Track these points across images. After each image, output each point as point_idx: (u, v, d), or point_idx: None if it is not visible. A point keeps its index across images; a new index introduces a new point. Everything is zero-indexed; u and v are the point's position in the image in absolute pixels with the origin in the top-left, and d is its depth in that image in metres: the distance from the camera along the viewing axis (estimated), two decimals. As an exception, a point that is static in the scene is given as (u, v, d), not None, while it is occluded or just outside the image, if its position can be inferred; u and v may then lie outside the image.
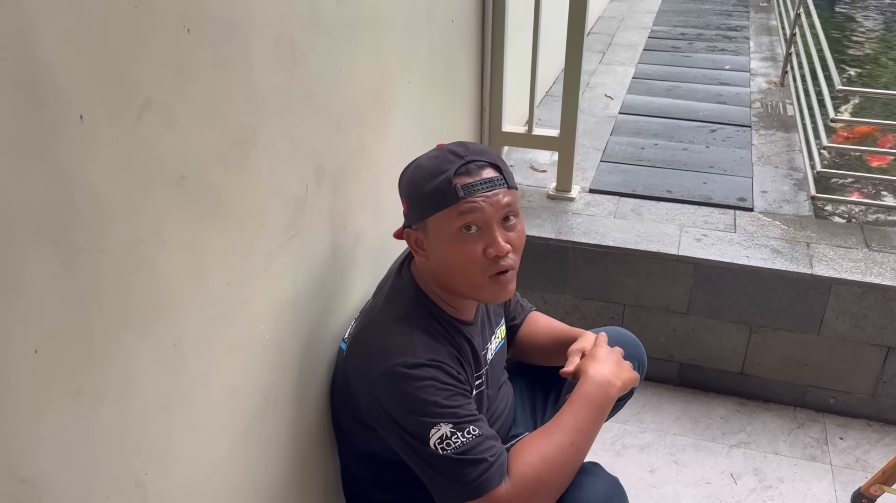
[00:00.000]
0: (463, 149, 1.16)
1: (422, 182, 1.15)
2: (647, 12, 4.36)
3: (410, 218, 1.20)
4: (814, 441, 1.95)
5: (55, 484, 0.77)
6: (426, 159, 1.19)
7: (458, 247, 1.14)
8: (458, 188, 1.12)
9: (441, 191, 1.12)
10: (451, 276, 1.18)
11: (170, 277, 0.91)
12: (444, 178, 1.12)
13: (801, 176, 2.39)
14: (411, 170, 1.21)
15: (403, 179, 1.23)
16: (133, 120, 0.81)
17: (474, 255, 1.14)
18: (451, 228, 1.13)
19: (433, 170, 1.15)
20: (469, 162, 1.14)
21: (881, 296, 1.87)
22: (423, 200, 1.15)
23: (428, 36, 1.65)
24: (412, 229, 1.20)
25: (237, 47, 0.97)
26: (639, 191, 2.26)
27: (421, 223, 1.17)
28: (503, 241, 1.14)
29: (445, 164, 1.14)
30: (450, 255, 1.15)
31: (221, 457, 1.08)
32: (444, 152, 1.17)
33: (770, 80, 3.30)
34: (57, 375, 0.76)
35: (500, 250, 1.13)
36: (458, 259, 1.14)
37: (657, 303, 2.02)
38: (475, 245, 1.13)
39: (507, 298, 1.22)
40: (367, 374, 1.17)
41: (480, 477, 1.10)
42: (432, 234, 1.16)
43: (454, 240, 1.13)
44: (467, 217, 1.12)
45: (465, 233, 1.13)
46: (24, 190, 0.68)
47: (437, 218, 1.14)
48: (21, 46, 0.66)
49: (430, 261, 1.19)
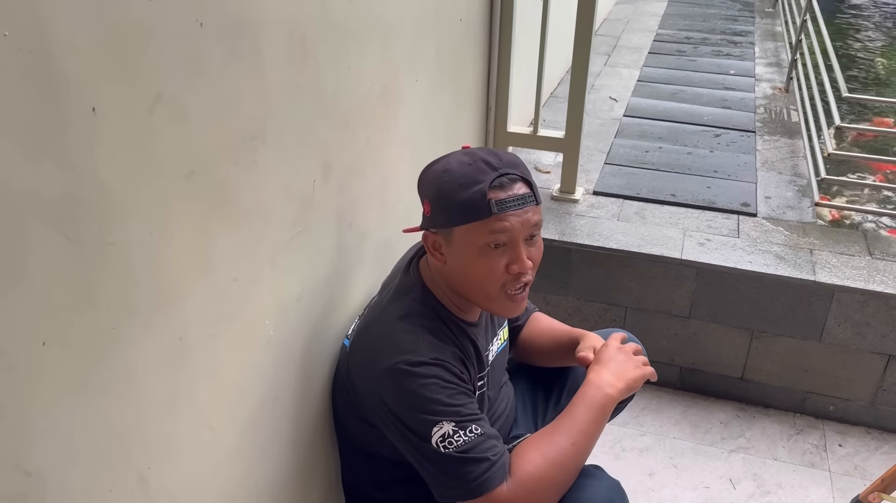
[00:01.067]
0: (496, 159, 1.13)
1: (452, 190, 1.12)
2: (652, 15, 4.36)
3: (434, 222, 1.17)
4: (813, 447, 1.95)
5: (60, 476, 0.77)
6: (456, 164, 1.14)
7: (483, 260, 1.13)
8: (492, 203, 1.09)
9: (474, 203, 1.10)
10: (467, 284, 1.18)
11: (177, 272, 0.90)
12: (478, 191, 1.10)
13: (804, 182, 2.39)
14: (438, 173, 1.16)
15: (428, 181, 1.18)
16: (145, 114, 0.80)
17: (497, 270, 1.14)
18: (479, 242, 1.12)
19: (466, 178, 1.11)
20: (503, 174, 1.11)
21: (883, 304, 1.87)
22: (452, 209, 1.13)
23: (436, 35, 1.65)
24: (433, 233, 1.18)
25: (249, 43, 0.97)
26: (642, 194, 2.26)
27: (445, 230, 1.15)
28: (527, 260, 1.14)
29: (479, 174, 1.11)
30: (471, 266, 1.14)
31: (224, 453, 1.08)
32: (476, 160, 1.13)
33: (775, 85, 3.30)
34: (64, 368, 0.76)
35: (524, 268, 1.14)
36: (480, 271, 1.14)
37: (659, 306, 2.02)
38: (499, 260, 1.13)
39: (517, 314, 1.23)
40: (370, 371, 1.17)
41: (482, 476, 1.10)
42: (457, 242, 1.14)
43: (479, 253, 1.13)
44: (498, 236, 1.11)
45: (491, 248, 1.12)
46: (35, 182, 0.68)
47: (465, 229, 1.12)
48: (35, 38, 0.65)
49: (446, 266, 1.18)
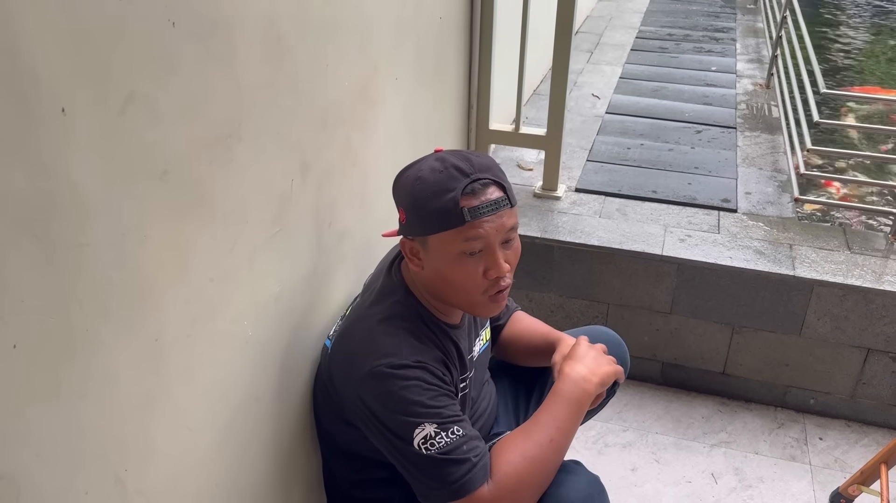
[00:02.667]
0: (467, 164, 1.12)
1: (425, 198, 1.11)
2: (634, 12, 4.38)
3: (409, 230, 1.17)
4: (794, 441, 1.97)
5: (34, 479, 0.77)
6: (428, 171, 1.13)
7: (460, 267, 1.13)
8: (464, 212, 1.09)
9: (447, 212, 1.09)
10: (446, 290, 1.17)
11: (152, 272, 0.90)
12: (450, 199, 1.09)
13: (784, 178, 2.41)
14: (411, 181, 1.15)
15: (402, 189, 1.17)
16: (116, 113, 0.80)
17: (475, 277, 1.14)
18: (454, 250, 1.12)
19: (437, 186, 1.11)
20: (475, 180, 1.10)
21: (862, 298, 1.89)
22: (425, 218, 1.12)
23: (416, 33, 1.65)
24: (409, 239, 1.18)
25: (222, 42, 0.96)
26: (624, 190, 2.27)
27: (421, 238, 1.15)
28: (503, 263, 1.14)
29: (451, 181, 1.10)
30: (449, 273, 1.14)
31: (202, 454, 1.07)
32: (447, 166, 1.12)
33: (756, 81, 3.33)
34: (36, 371, 0.75)
35: (502, 272, 1.14)
36: (458, 277, 1.14)
37: (641, 302, 2.03)
38: (476, 266, 1.13)
39: (497, 313, 1.23)
40: (352, 374, 1.16)
41: (464, 477, 1.10)
42: (432, 249, 1.14)
43: (456, 260, 1.13)
44: (472, 243, 1.11)
45: (467, 255, 1.12)
46: (3, 183, 0.67)
47: (440, 237, 1.12)
48: (3, 37, 0.65)
49: (424, 272, 1.18)
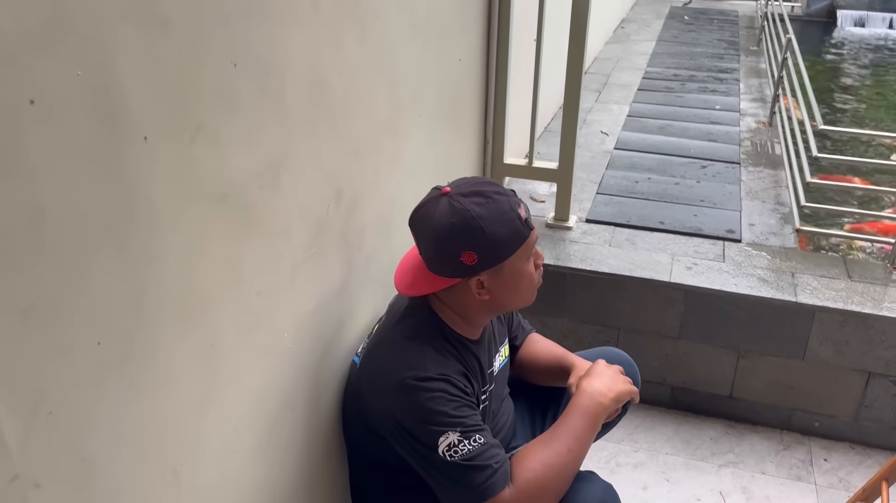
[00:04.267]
0: (494, 186, 1.23)
1: (492, 228, 1.18)
2: (641, 54, 4.54)
3: (483, 266, 1.22)
4: (799, 462, 2.03)
5: (109, 465, 0.86)
6: (476, 206, 1.19)
7: (527, 270, 1.27)
8: (527, 221, 1.23)
9: (517, 229, 1.21)
10: (515, 300, 1.29)
11: (210, 284, 1.00)
12: (515, 217, 1.21)
13: (787, 210, 2.51)
14: (468, 221, 1.18)
15: (461, 234, 1.19)
16: (187, 142, 0.91)
17: (533, 275, 1.28)
18: (522, 261, 1.25)
19: (499, 214, 1.20)
20: (510, 195, 1.23)
21: (862, 323, 1.97)
22: (502, 244, 1.21)
23: (437, 73, 1.78)
24: (478, 277, 1.23)
25: (274, 81, 1.09)
26: (633, 221, 2.38)
27: (496, 267, 1.22)
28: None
29: (503, 205, 1.20)
30: (523, 280, 1.26)
31: (245, 455, 1.16)
32: (488, 195, 1.20)
33: (759, 119, 3.45)
34: (113, 367, 0.85)
35: (542, 261, 1.31)
36: (527, 281, 1.27)
37: (650, 327, 2.12)
38: (531, 266, 1.28)
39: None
40: (380, 387, 1.26)
41: (486, 481, 1.18)
42: (507, 271, 1.23)
43: (522, 270, 1.25)
44: (531, 248, 1.25)
45: (528, 260, 1.26)
46: (96, 200, 0.79)
47: (514, 257, 1.22)
48: (102, 76, 0.77)
49: (491, 297, 1.25)
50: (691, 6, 6.21)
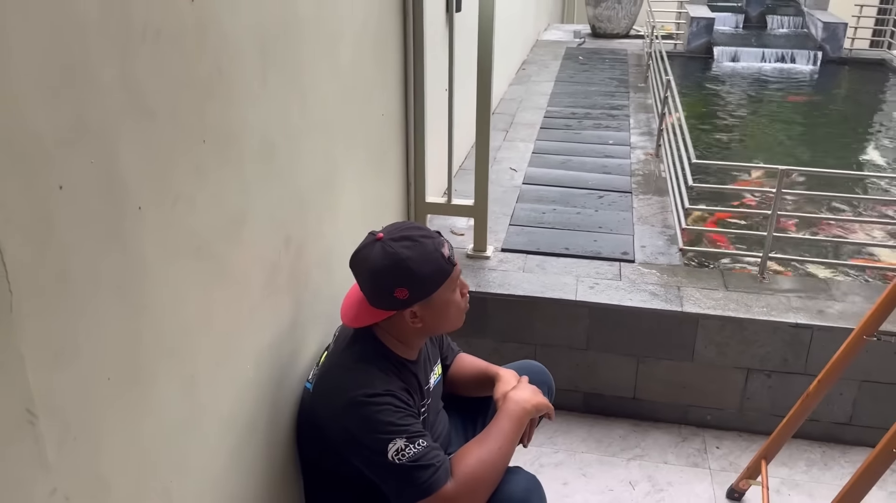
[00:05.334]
0: (420, 230, 1.46)
1: (420, 267, 1.41)
2: (541, 94, 4.93)
3: (413, 300, 1.43)
4: (696, 451, 2.34)
5: (116, 483, 1.03)
6: (405, 250, 1.41)
7: (452, 303, 1.50)
8: (449, 259, 1.46)
9: (441, 268, 1.44)
10: (444, 324, 1.52)
11: (190, 326, 1.19)
12: (439, 256, 1.43)
13: (672, 233, 2.86)
14: (397, 263, 1.40)
15: (392, 273, 1.40)
16: (169, 207, 1.10)
17: (460, 303, 1.52)
18: (447, 293, 1.47)
19: (425, 255, 1.42)
20: (435, 237, 1.46)
21: (738, 326, 2.31)
22: (428, 281, 1.43)
23: (365, 128, 2.01)
24: (411, 309, 1.44)
25: (234, 150, 1.29)
26: (542, 248, 2.67)
27: (425, 300, 1.44)
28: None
29: (428, 246, 1.43)
30: (448, 311, 1.49)
31: (220, 471, 1.33)
32: (415, 239, 1.42)
33: (647, 151, 3.85)
34: (119, 398, 1.02)
35: (466, 289, 1.55)
36: (455, 309, 1.51)
37: (562, 341, 2.40)
38: (457, 294, 1.51)
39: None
40: (335, 405, 1.45)
41: (430, 478, 1.39)
42: (435, 303, 1.45)
43: (449, 300, 1.49)
44: (455, 282, 1.49)
45: (454, 292, 1.49)
46: (104, 260, 0.97)
47: (441, 290, 1.45)
48: (108, 161, 0.95)
49: (423, 325, 1.47)
50: (585, 47, 6.73)
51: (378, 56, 2.08)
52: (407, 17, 2.25)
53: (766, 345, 2.31)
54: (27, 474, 0.85)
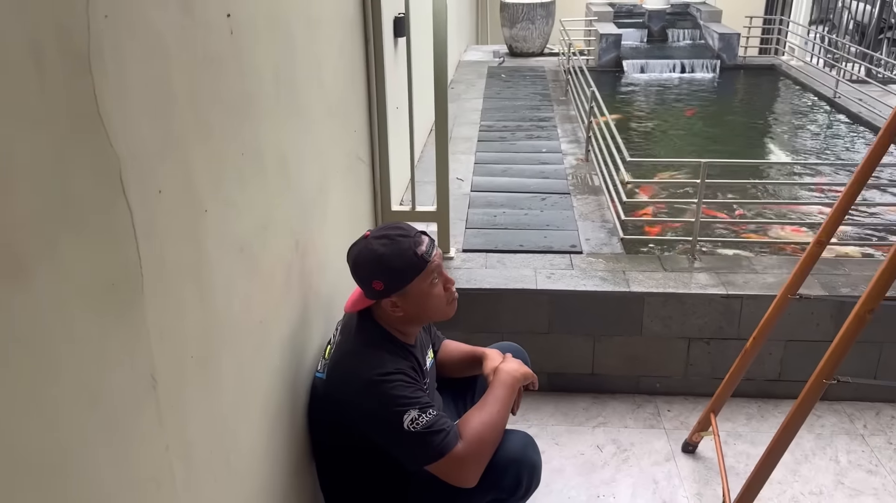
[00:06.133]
0: (400, 230, 1.66)
1: (394, 262, 1.61)
2: (473, 110, 5.23)
3: (390, 290, 1.63)
4: (650, 415, 2.63)
5: (197, 449, 1.19)
6: (381, 247, 1.61)
7: (431, 294, 1.68)
8: (423, 256, 1.64)
9: (413, 263, 1.62)
10: (426, 313, 1.70)
11: (238, 316, 1.36)
12: (411, 254, 1.61)
13: (611, 226, 3.18)
14: (375, 259, 1.61)
15: (369, 267, 1.62)
16: (223, 211, 1.28)
17: (441, 294, 1.70)
18: (426, 285, 1.66)
19: (398, 251, 1.61)
20: (414, 235, 1.66)
21: (678, 301, 2.62)
22: (401, 275, 1.62)
23: (344, 144, 2.22)
24: (390, 298, 1.64)
25: (261, 163, 1.47)
26: (499, 247, 2.93)
27: (400, 291, 1.64)
28: (449, 276, 1.74)
29: (402, 244, 1.62)
30: (427, 302, 1.67)
31: (261, 451, 1.50)
32: (392, 238, 1.62)
33: (577, 157, 4.19)
34: (199, 373, 1.19)
35: (452, 284, 1.74)
36: (433, 301, 1.69)
37: (526, 327, 2.65)
38: (439, 287, 1.70)
39: (455, 310, 1.77)
40: (351, 387, 1.63)
41: (443, 441, 1.59)
42: (412, 293, 1.63)
43: (428, 291, 1.67)
44: (433, 275, 1.67)
45: (433, 283, 1.67)
46: (185, 254, 1.14)
47: (415, 282, 1.63)
48: (185, 168, 1.13)
49: (404, 313, 1.66)
50: (505, 65, 7.12)
51: (349, 78, 2.29)
52: (368, 43, 2.47)
53: (704, 315, 2.63)
54: (152, 431, 1.02)
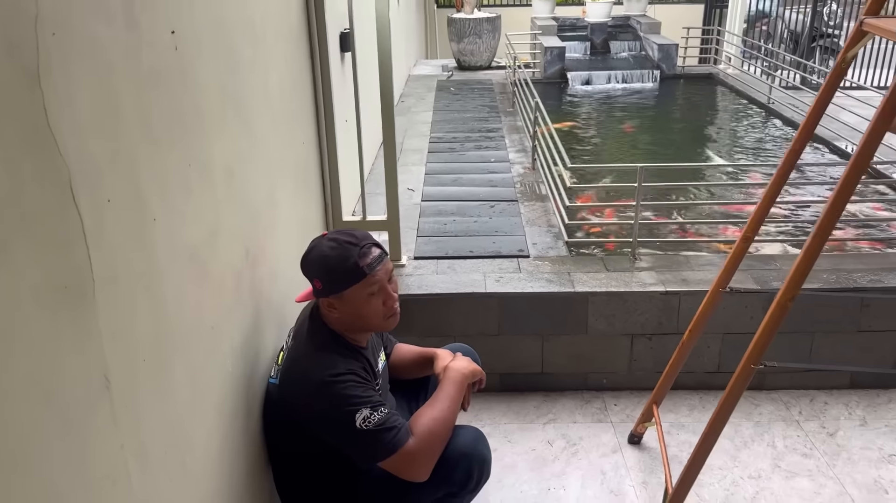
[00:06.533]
0: (353, 237, 1.70)
1: (334, 267, 1.65)
2: (423, 123, 5.33)
3: (326, 292, 1.68)
4: (598, 410, 2.73)
5: (153, 450, 1.23)
6: (328, 249, 1.67)
7: (368, 305, 1.71)
8: (364, 268, 1.67)
9: (352, 272, 1.66)
10: (361, 322, 1.74)
11: (189, 322, 1.40)
12: (352, 263, 1.65)
13: (557, 230, 3.29)
14: (319, 259, 1.67)
15: (313, 266, 1.68)
16: (171, 220, 1.33)
17: (378, 308, 1.73)
18: (362, 295, 1.69)
19: (340, 257, 1.65)
20: (362, 246, 1.70)
21: (620, 300, 2.74)
22: (338, 280, 1.66)
23: (291, 154, 2.27)
24: (326, 298, 1.71)
25: (209, 175, 1.52)
26: (450, 253, 3.01)
27: (336, 295, 1.68)
28: (393, 293, 1.76)
29: (348, 251, 1.66)
30: (362, 310, 1.71)
31: (216, 454, 1.54)
32: (341, 243, 1.67)
33: (524, 166, 4.32)
34: (152, 376, 1.23)
35: (393, 301, 1.76)
36: (368, 312, 1.72)
37: (477, 330, 2.73)
38: (377, 300, 1.72)
39: (395, 325, 1.81)
40: (304, 389, 1.67)
41: (394, 438, 1.65)
42: (347, 299, 1.68)
43: (365, 302, 1.70)
44: (372, 288, 1.70)
45: (371, 295, 1.71)
46: (135, 261, 1.18)
47: (351, 290, 1.67)
48: (135, 179, 1.18)
49: (341, 316, 1.72)
50: (454, 79, 7.25)
51: (296, 91, 2.35)
52: (314, 57, 2.54)
53: (645, 312, 2.75)
54: (106, 430, 1.06)
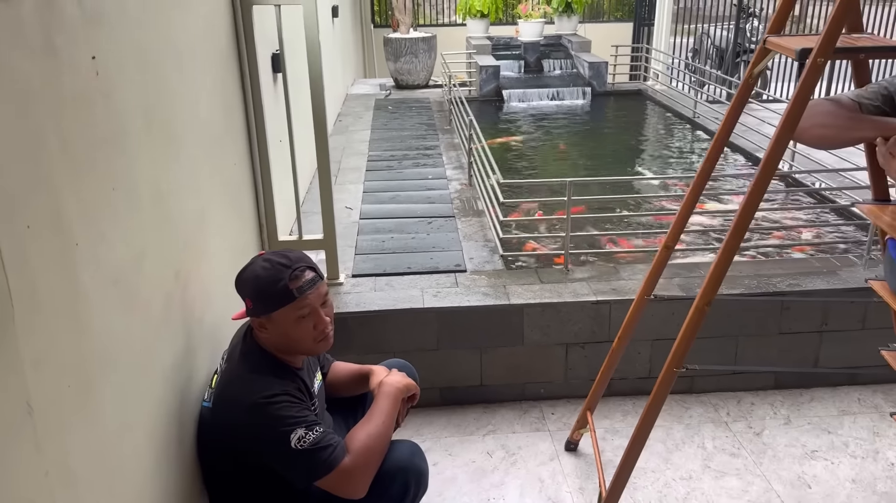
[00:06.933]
0: (287, 259, 1.70)
1: (264, 288, 1.66)
2: (361, 141, 5.36)
3: (256, 312, 1.69)
4: (536, 419, 2.79)
5: (81, 475, 1.21)
6: (260, 269, 1.67)
7: (298, 328, 1.71)
8: (294, 291, 1.67)
9: (282, 294, 1.66)
10: (291, 344, 1.74)
11: (116, 346, 1.39)
12: (282, 285, 1.65)
13: (493, 245, 3.36)
14: (251, 279, 1.68)
15: (245, 285, 1.69)
16: (96, 244, 1.32)
17: (308, 331, 1.73)
18: (292, 318, 1.69)
19: (271, 279, 1.65)
20: (294, 269, 1.69)
21: (554, 310, 2.81)
22: (268, 301, 1.66)
23: (222, 175, 2.27)
24: (257, 318, 1.71)
25: (135, 198, 1.52)
26: (388, 270, 3.03)
27: (265, 315, 1.68)
28: (325, 317, 1.76)
29: (279, 273, 1.66)
30: (291, 333, 1.71)
31: (146, 479, 1.52)
32: (273, 264, 1.67)
33: (462, 182, 4.39)
34: (79, 401, 1.22)
35: (325, 325, 1.76)
36: (298, 334, 1.72)
37: (416, 345, 2.76)
38: (308, 324, 1.72)
39: (328, 348, 1.82)
40: (238, 411, 1.67)
41: (330, 456, 1.66)
42: (276, 320, 1.68)
43: (294, 324, 1.70)
44: (303, 311, 1.70)
45: (301, 318, 1.70)
46: (58, 287, 1.18)
47: (281, 312, 1.67)
48: (55, 205, 1.18)
49: (272, 337, 1.72)
50: (391, 98, 7.31)
51: (227, 112, 2.35)
52: (244, 79, 2.55)
53: (578, 322, 2.83)
54: (30, 457, 1.05)
